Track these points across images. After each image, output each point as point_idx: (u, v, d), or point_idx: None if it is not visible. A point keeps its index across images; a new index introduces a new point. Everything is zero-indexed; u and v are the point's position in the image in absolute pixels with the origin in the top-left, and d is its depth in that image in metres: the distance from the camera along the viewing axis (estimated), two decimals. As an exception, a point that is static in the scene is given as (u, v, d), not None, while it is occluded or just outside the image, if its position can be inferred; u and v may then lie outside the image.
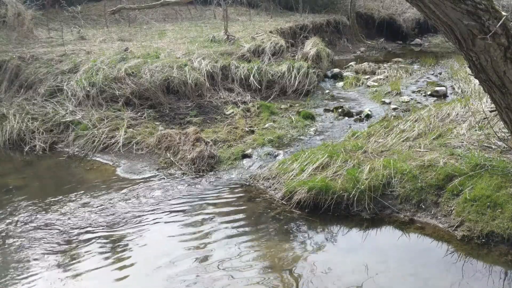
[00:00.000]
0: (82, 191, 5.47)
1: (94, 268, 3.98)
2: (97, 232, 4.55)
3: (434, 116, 6.57)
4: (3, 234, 4.55)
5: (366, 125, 7.50)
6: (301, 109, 8.29)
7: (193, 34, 12.25)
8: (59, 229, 4.61)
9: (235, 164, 6.11)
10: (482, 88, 3.87)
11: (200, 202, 5.16)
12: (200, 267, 3.92)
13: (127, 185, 5.61)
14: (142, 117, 7.57)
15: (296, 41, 13.03)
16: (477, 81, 4.61)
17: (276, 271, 3.88)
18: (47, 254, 4.19)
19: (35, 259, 4.11)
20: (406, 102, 8.80)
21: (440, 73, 11.28)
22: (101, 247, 4.30)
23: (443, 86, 9.64)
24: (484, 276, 3.69)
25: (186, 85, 8.35)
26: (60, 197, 5.33)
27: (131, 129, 7.11)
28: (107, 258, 4.13)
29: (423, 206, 4.58)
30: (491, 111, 5.67)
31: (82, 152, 6.77)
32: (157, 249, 4.25)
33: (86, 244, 4.34)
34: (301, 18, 15.29)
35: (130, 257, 4.15)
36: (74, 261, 4.07)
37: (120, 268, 3.98)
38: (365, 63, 12.07)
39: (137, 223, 4.70)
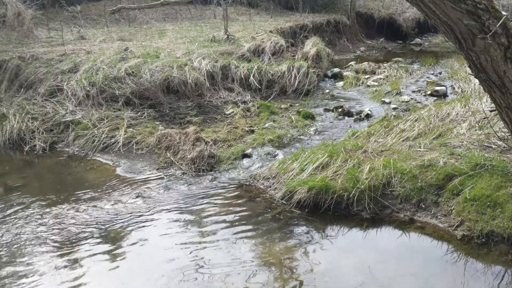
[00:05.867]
0: (82, 191, 5.47)
1: (93, 267, 3.98)
2: (97, 231, 4.55)
3: (434, 115, 6.57)
4: (3, 233, 4.55)
5: (366, 124, 7.50)
6: (301, 109, 8.29)
7: (193, 34, 12.25)
8: (59, 228, 4.61)
9: (235, 163, 6.11)
10: (482, 87, 3.87)
11: (200, 202, 5.16)
12: (200, 266, 3.92)
13: (127, 185, 5.62)
14: (142, 117, 7.57)
15: (296, 41, 13.04)
16: (477, 81, 4.62)
17: (276, 270, 3.88)
18: (47, 253, 4.19)
19: (34, 258, 4.11)
20: (406, 101, 8.80)
21: (440, 73, 11.29)
22: (101, 246, 4.30)
23: (443, 85, 9.65)
24: (484, 276, 3.69)
25: (186, 85, 8.35)
26: (60, 196, 5.33)
27: (131, 129, 7.11)
28: (106, 257, 4.13)
29: (423, 206, 4.58)
30: (491, 111, 5.66)
31: (82, 151, 6.77)
32: (156, 248, 4.25)
33: (86, 243, 4.34)
34: (301, 17, 15.30)
35: (130, 256, 4.15)
36: (73, 260, 4.07)
37: (120, 267, 3.98)
38: (365, 63, 12.07)
39: (136, 223, 4.70)
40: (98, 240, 4.39)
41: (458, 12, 3.18)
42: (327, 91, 9.93)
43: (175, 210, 4.97)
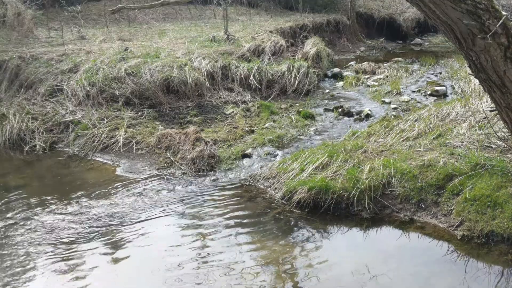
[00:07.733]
0: (82, 191, 5.47)
1: (94, 267, 3.98)
2: (97, 231, 4.55)
3: (434, 115, 6.57)
4: (3, 233, 4.55)
5: (366, 124, 7.50)
6: (301, 109, 8.29)
7: (193, 34, 12.25)
8: (59, 228, 4.60)
9: (235, 163, 6.11)
10: (482, 87, 3.86)
11: (200, 202, 5.16)
12: (200, 266, 3.92)
13: (127, 185, 5.61)
14: (142, 117, 7.57)
15: (296, 41, 13.02)
16: (477, 81, 4.61)
17: (276, 270, 3.88)
18: (47, 253, 4.19)
19: (34, 258, 4.11)
20: (406, 101, 8.80)
21: (440, 73, 11.28)
22: (101, 246, 4.30)
23: (443, 85, 9.65)
24: (484, 275, 3.69)
25: (186, 85, 8.35)
26: (60, 196, 5.33)
27: (131, 129, 7.11)
28: (106, 258, 4.13)
29: (423, 206, 4.58)
30: (491, 111, 5.66)
31: (82, 151, 6.77)
32: (157, 248, 4.25)
33: (86, 243, 4.34)
34: (301, 17, 15.29)
35: (130, 256, 4.15)
36: (74, 261, 4.07)
37: (120, 268, 3.99)
38: (365, 63, 12.06)
39: (136, 223, 4.70)
40: (98, 241, 4.39)
41: (458, 12, 3.17)
42: (327, 91, 9.93)
43: (175, 210, 4.97)
